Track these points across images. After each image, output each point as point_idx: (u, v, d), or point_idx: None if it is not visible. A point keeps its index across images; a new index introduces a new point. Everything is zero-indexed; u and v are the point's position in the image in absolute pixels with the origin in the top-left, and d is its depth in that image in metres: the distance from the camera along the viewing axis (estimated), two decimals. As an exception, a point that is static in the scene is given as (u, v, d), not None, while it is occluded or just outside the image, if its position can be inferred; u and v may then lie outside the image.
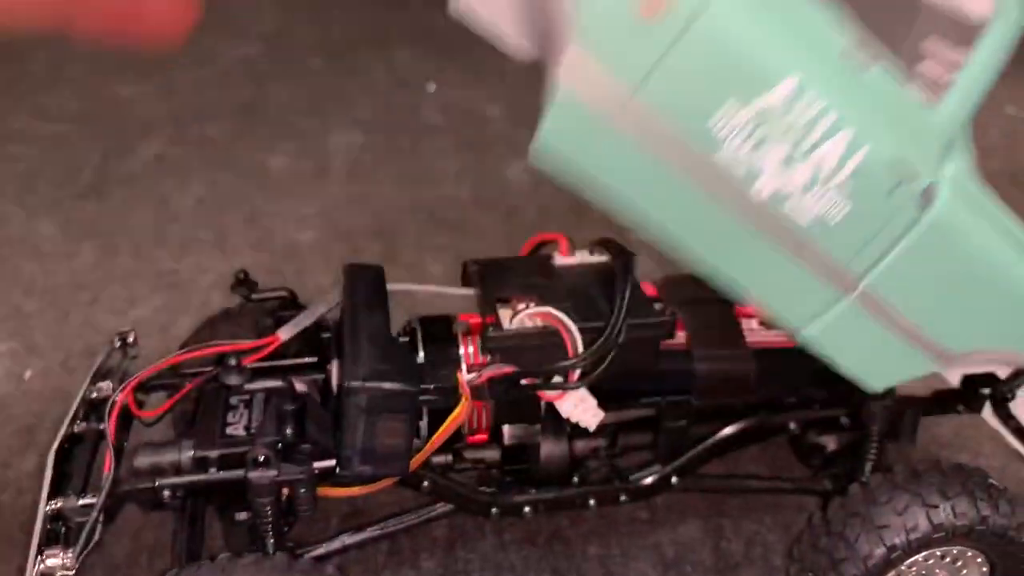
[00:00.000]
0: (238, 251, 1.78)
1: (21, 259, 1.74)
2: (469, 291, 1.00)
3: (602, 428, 1.03)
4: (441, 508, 1.01)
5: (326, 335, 1.02)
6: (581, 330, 0.90)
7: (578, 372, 0.90)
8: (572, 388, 0.90)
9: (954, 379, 1.08)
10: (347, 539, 1.00)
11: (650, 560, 1.17)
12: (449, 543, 1.19)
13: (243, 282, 1.04)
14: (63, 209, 1.90)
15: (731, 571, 1.16)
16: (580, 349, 0.89)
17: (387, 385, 0.85)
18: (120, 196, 1.96)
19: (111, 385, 1.02)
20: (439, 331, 0.96)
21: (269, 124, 2.27)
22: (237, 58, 2.59)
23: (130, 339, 1.10)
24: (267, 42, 2.67)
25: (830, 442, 1.09)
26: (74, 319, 1.58)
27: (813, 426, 1.07)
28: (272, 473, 0.86)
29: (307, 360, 1.02)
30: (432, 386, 0.89)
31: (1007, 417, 1.05)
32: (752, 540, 1.20)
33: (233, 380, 0.90)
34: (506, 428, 0.99)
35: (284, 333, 0.97)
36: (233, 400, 0.97)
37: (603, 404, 0.94)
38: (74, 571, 0.81)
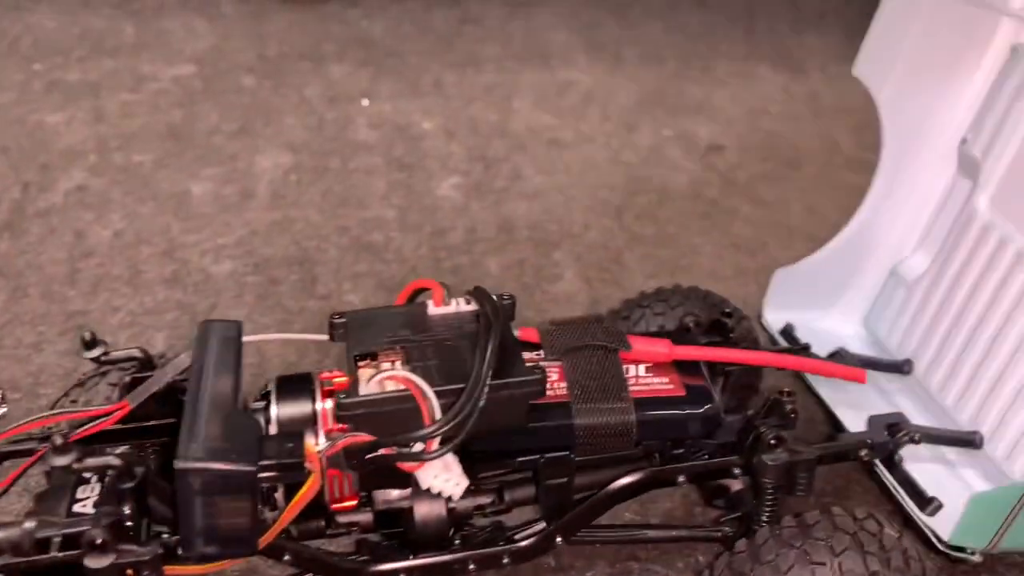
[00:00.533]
0: (151, 288, 1.72)
1: (-76, 305, 1.67)
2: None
3: (485, 484, 0.98)
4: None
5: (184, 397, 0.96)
6: (444, 392, 0.84)
7: (437, 440, 0.84)
8: (431, 458, 0.84)
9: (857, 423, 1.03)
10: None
11: (554, 613, 1.12)
12: (344, 603, 1.13)
13: (92, 343, 0.97)
14: (-27, 250, 1.83)
15: (639, 622, 1.11)
16: (437, 416, 0.83)
17: (220, 466, 0.78)
18: (36, 232, 1.89)
19: None
20: (296, 393, 0.90)
21: (196, 148, 2.20)
22: (168, 79, 2.52)
23: None
24: (199, 62, 2.60)
25: (733, 483, 1.04)
26: (-27, 368, 1.52)
27: (708, 476, 1.01)
28: (109, 557, 0.81)
29: (167, 422, 0.96)
30: (276, 462, 0.82)
31: (892, 465, 0.99)
32: (659, 589, 1.14)
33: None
34: (376, 493, 0.94)
35: (132, 400, 0.91)
36: (87, 473, 0.91)
37: (477, 466, 0.89)
38: None
